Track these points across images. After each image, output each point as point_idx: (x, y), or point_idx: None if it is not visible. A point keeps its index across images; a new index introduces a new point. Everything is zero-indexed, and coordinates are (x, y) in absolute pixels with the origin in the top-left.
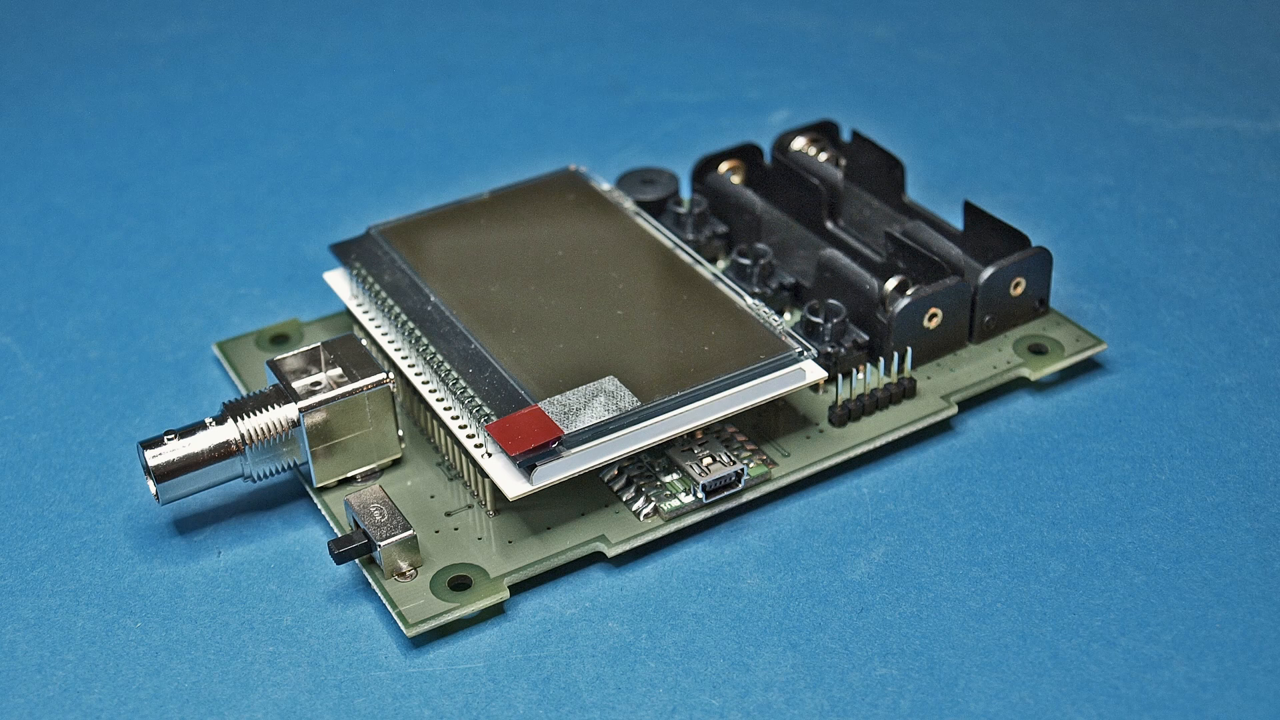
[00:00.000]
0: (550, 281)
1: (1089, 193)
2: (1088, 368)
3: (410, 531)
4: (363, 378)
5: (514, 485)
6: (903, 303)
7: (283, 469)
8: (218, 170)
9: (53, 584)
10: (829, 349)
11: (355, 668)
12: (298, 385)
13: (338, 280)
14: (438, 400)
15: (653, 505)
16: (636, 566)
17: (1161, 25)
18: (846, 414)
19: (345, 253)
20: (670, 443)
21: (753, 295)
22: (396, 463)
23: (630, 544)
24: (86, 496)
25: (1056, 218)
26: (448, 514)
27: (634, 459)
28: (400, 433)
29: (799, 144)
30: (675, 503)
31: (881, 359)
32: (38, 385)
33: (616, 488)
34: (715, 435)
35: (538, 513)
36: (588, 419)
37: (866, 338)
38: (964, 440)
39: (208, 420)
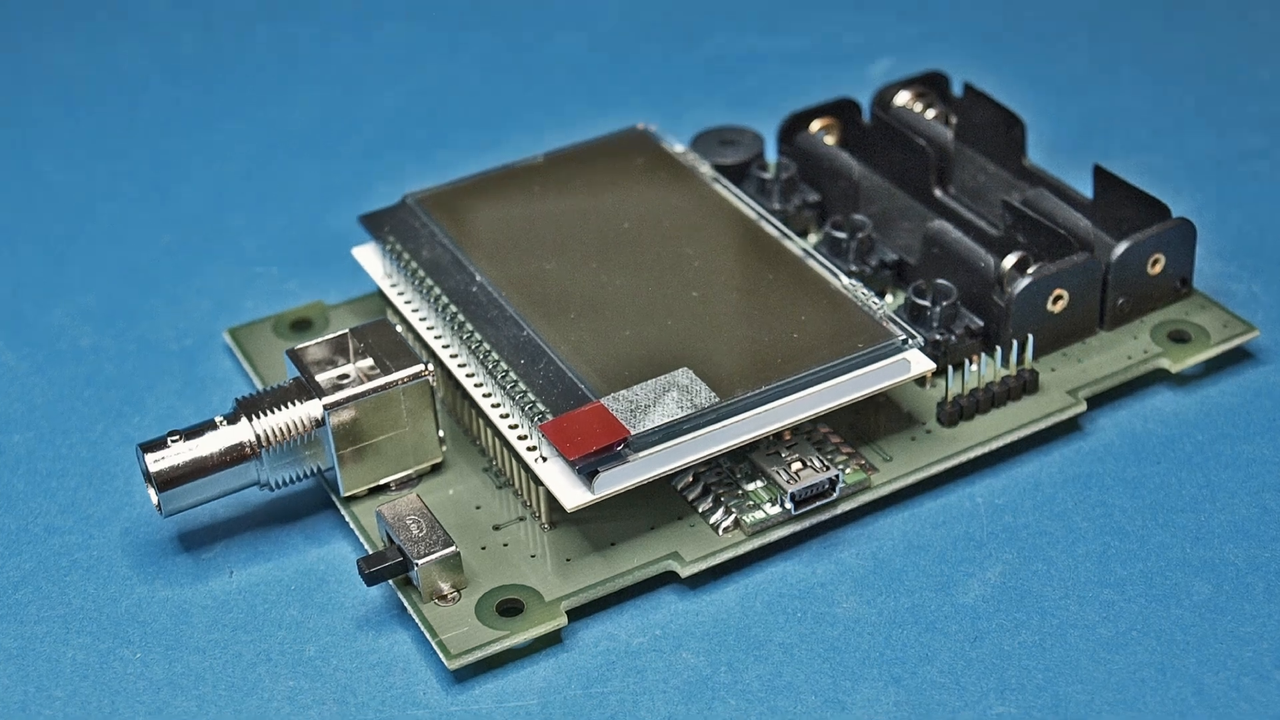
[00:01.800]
0: (615, 258)
1: (1239, 156)
2: (1237, 358)
3: (452, 548)
4: (397, 370)
5: (573, 494)
6: (1023, 283)
7: (305, 475)
8: (230, 132)
9: (38, 609)
10: (937, 336)
11: (389, 705)
12: (322, 378)
13: (368, 257)
14: (484, 396)
15: (733, 517)
16: (714, 588)
17: None
18: (958, 412)
19: (377, 225)
20: (753, 445)
21: (849, 274)
22: (436, 468)
23: (707, 562)
24: (77, 507)
25: (1201, 184)
26: (496, 527)
27: (711, 464)
28: (441, 433)
29: (903, 99)
30: (759, 514)
31: (998, 348)
32: (21, 378)
33: (691, 497)
34: (805, 437)
35: (600, 526)
36: (658, 417)
37: (981, 323)
38: (1094, 442)
39: (218, 419)
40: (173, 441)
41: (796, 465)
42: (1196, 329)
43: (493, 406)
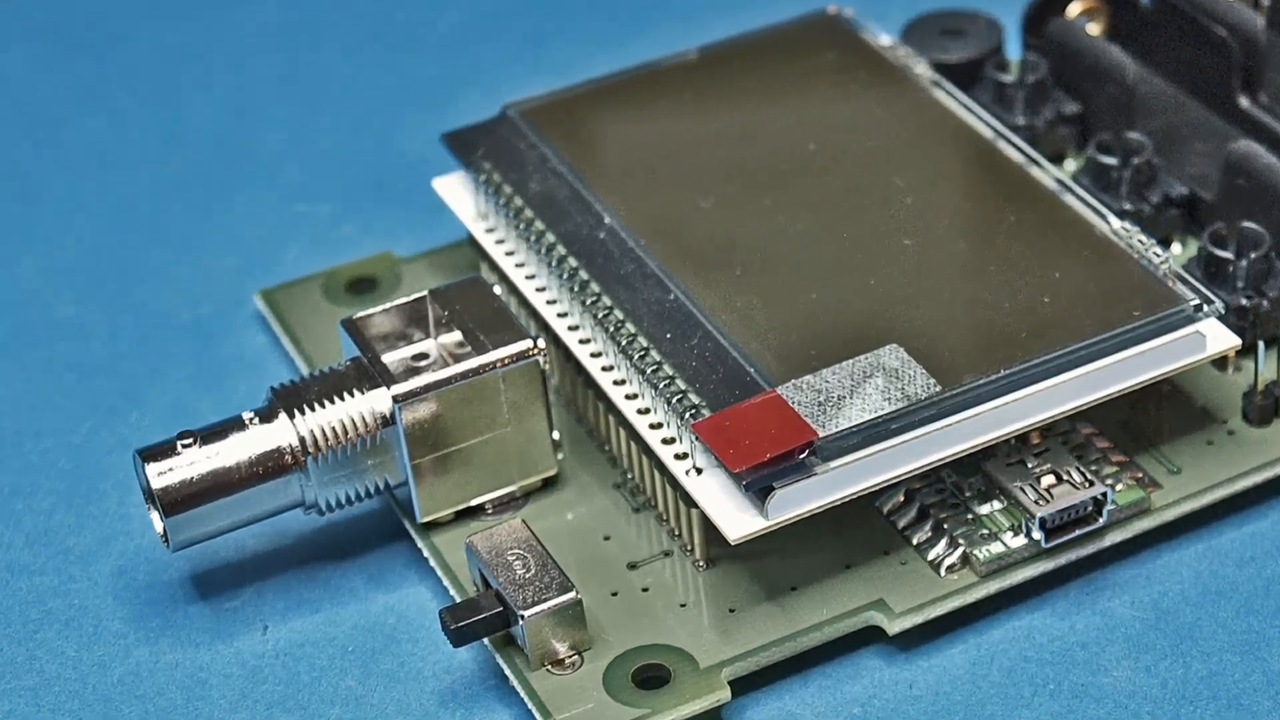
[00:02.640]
0: (796, 193)
1: None
2: None
3: (572, 594)
4: (495, 347)
5: (738, 521)
6: None
7: (366, 494)
8: (260, 20)
9: (1, 678)
10: (1243, 300)
11: None
12: (391, 359)
13: (454, 191)
14: (616, 384)
15: (960, 552)
16: (934, 650)
17: None
18: (1271, 406)
19: (467, 147)
20: (988, 452)
21: (1121, 215)
22: (550, 484)
23: (924, 614)
24: (52, 538)
25: None
26: (632, 566)
27: (930, 478)
28: (555, 435)
29: None
30: (997, 548)
31: None
32: None
33: (902, 525)
34: (1060, 440)
35: (776, 564)
36: (856, 414)
37: None
38: None
39: (247, 416)
40: (184, 447)
41: (1048, 480)
42: None
43: (627, 398)
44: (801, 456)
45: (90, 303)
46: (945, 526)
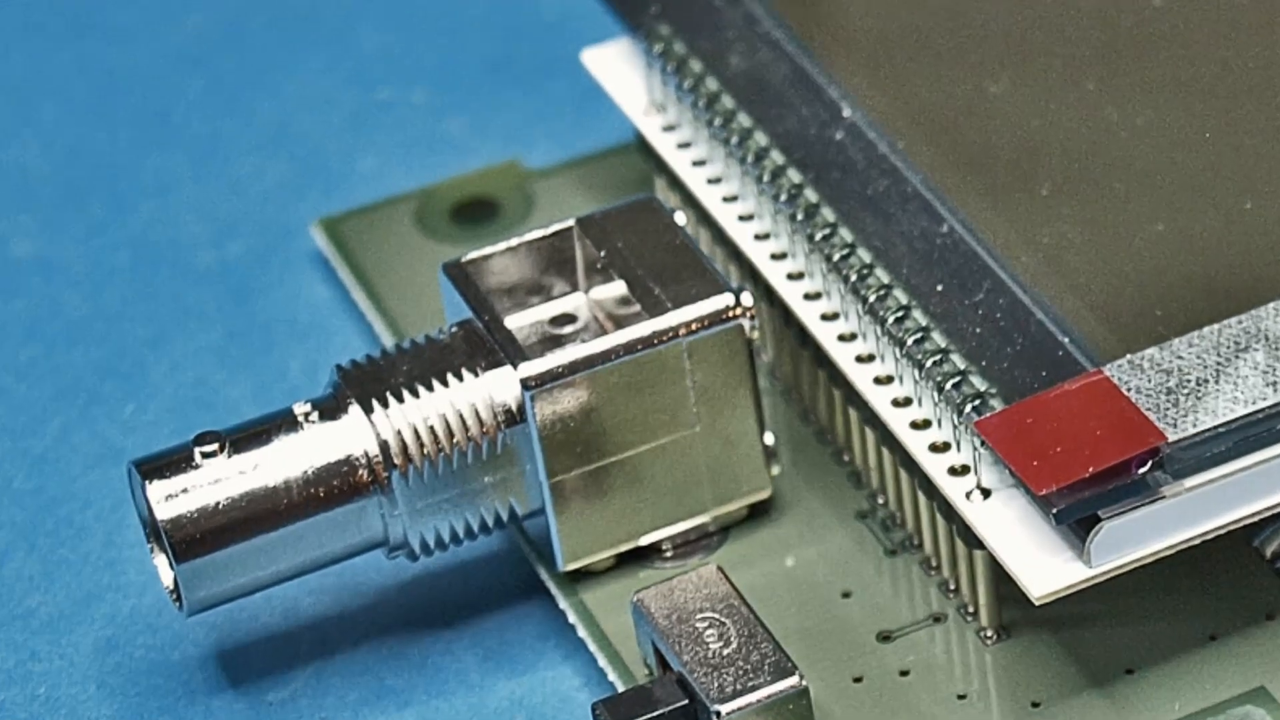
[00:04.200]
0: (1132, 72)
1: None
2: None
3: (794, 679)
4: (678, 306)
5: (1046, 569)
6: None
7: (481, 528)
8: None
9: None
10: None
11: None
12: (520, 324)
13: (615, 69)
14: (859, 361)
15: None
16: None
17: None
18: None
19: (636, 2)
20: None
21: None
22: (760, 511)
23: None
24: (6, 597)
25: None
26: (884, 637)
27: None
28: (769, 438)
29: None
30: None
31: None
32: None
33: None
34: None
35: (1102, 635)
36: (1224, 406)
37: None
38: None
39: (301, 410)
40: (205, 457)
41: None
42: None
43: (877, 384)
44: (1142, 471)
45: (60, 233)
46: None
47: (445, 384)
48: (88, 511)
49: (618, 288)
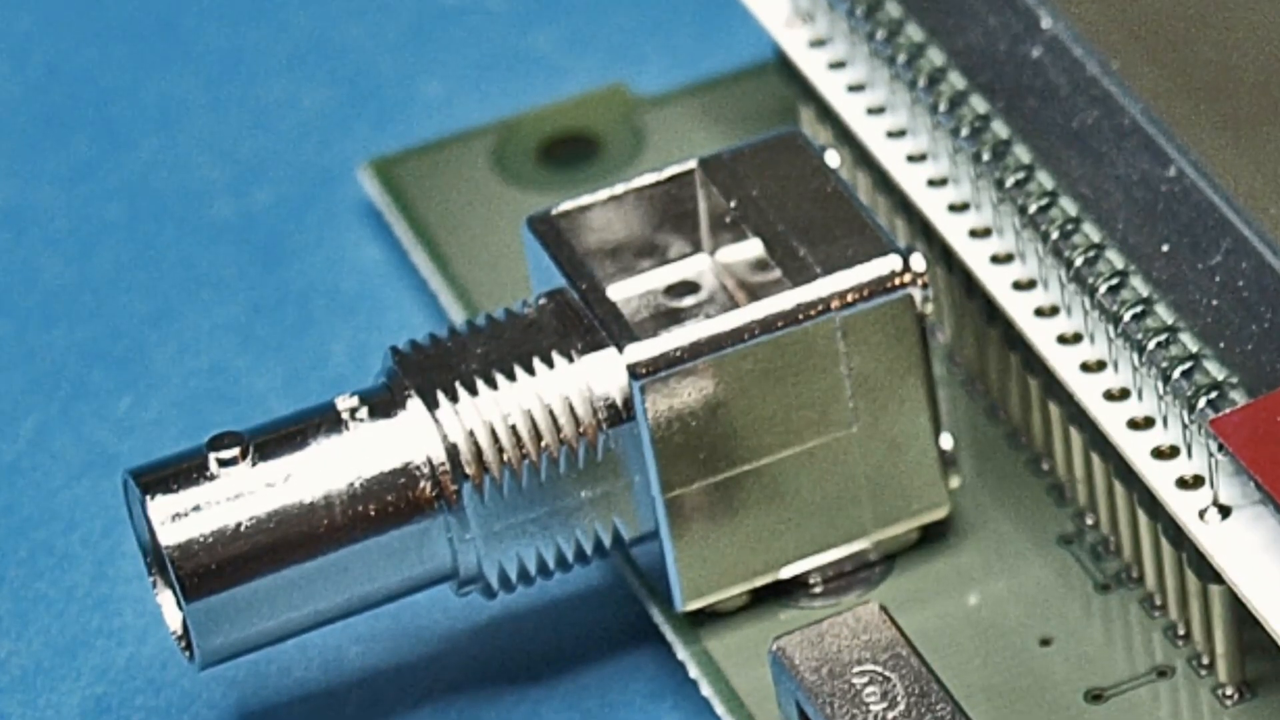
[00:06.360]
0: None
1: None
2: None
3: None
4: (830, 271)
5: None
6: None
7: (577, 557)
8: None
9: None
10: None
11: None
12: (626, 294)
13: None
14: (1061, 342)
15: None
16: None
17: None
18: None
19: None
20: None
21: None
22: (935, 534)
23: None
24: None
25: None
26: (1095, 696)
27: None
28: (946, 441)
29: None
30: None
31: None
32: None
33: None
34: None
35: None
36: None
37: None
38: None
39: (346, 405)
40: (223, 465)
41: None
42: None
43: (1084, 371)
44: None
45: (36, 177)
46: None
47: (531, 372)
48: (72, 535)
49: (752, 248)
